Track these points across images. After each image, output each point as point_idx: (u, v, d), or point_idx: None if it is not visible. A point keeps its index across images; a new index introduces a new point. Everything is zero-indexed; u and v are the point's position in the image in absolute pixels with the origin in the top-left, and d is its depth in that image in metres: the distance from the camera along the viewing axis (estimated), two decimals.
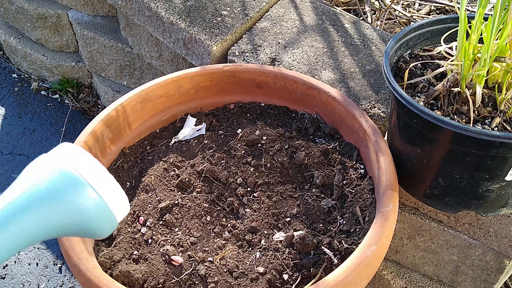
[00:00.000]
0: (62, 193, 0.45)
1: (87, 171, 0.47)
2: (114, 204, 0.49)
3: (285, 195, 0.76)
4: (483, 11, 0.66)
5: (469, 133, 0.60)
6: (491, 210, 0.72)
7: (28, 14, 1.60)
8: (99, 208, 0.47)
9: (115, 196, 0.49)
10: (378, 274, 1.02)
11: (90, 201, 0.47)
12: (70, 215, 0.46)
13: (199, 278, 0.67)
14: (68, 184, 0.46)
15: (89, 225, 0.47)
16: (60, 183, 0.46)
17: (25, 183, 0.46)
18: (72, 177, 0.46)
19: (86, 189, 0.46)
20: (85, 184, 0.46)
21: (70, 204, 0.46)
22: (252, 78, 0.89)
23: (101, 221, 0.48)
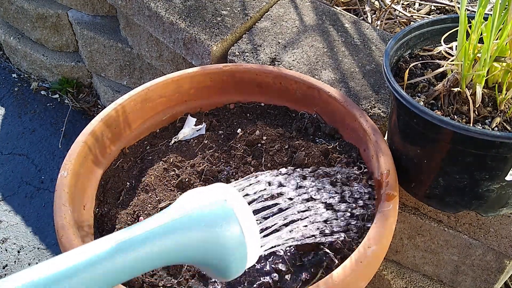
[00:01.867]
0: (218, 224, 0.49)
1: (241, 214, 0.51)
2: (252, 247, 0.52)
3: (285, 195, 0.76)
4: (483, 11, 0.66)
5: (469, 133, 0.60)
6: (492, 210, 0.72)
7: (28, 14, 1.60)
8: (240, 247, 0.51)
9: (255, 241, 0.53)
10: (378, 274, 1.02)
11: (236, 238, 0.50)
12: (216, 245, 0.50)
13: (199, 277, 0.67)
14: (225, 217, 0.50)
15: (225, 261, 0.51)
16: (219, 215, 0.50)
17: (188, 206, 0.50)
18: (229, 213, 0.50)
19: (237, 227, 0.50)
20: (237, 222, 0.50)
21: (220, 235, 0.49)
22: (252, 78, 0.89)
23: (236, 260, 0.52)
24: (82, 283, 0.43)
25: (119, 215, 0.74)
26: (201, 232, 0.49)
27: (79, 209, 0.72)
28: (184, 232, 0.48)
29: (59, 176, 0.72)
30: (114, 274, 0.44)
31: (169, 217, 0.49)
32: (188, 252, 0.49)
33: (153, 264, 0.47)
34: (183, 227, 0.48)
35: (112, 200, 0.77)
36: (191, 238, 0.48)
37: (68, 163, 0.74)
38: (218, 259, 0.50)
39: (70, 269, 0.43)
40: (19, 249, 1.32)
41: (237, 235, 0.50)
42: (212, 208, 0.50)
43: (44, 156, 1.52)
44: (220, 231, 0.49)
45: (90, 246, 0.46)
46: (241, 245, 0.51)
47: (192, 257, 0.50)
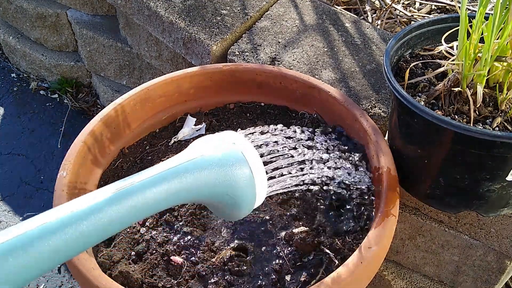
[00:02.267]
0: (230, 164, 0.54)
1: (249, 155, 0.56)
2: (260, 190, 0.57)
3: (285, 194, 0.76)
4: (484, 10, 0.65)
5: (470, 133, 0.60)
6: (492, 211, 0.71)
7: (27, 13, 1.60)
8: (250, 186, 0.56)
9: (262, 184, 0.57)
10: (378, 274, 1.02)
11: (246, 178, 0.55)
12: (228, 183, 0.54)
13: (199, 278, 0.66)
14: (235, 158, 0.55)
15: (236, 200, 0.55)
16: (230, 156, 0.55)
17: (202, 149, 0.54)
18: (239, 154, 0.55)
19: (247, 169, 0.55)
20: (247, 164, 0.55)
21: (231, 174, 0.54)
22: (252, 78, 0.89)
23: (246, 198, 0.56)
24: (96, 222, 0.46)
25: None
26: (215, 171, 0.53)
27: None
28: (199, 171, 0.52)
29: (58, 176, 0.72)
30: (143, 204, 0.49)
31: (186, 157, 0.53)
32: (203, 191, 0.53)
33: (172, 201, 0.51)
34: (198, 167, 0.52)
35: None
36: (206, 177, 0.53)
37: (67, 163, 0.73)
38: (230, 197, 0.55)
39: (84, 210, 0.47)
40: None
41: (247, 175, 0.55)
42: (224, 150, 0.55)
43: (43, 156, 1.52)
44: (232, 170, 0.54)
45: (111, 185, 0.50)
46: (251, 184, 0.56)
47: (207, 196, 0.54)
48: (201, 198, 0.55)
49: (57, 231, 0.44)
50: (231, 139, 0.57)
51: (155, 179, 0.50)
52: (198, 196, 0.54)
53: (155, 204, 0.50)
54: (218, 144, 0.56)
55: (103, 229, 0.47)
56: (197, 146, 0.56)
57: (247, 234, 0.71)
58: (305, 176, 0.68)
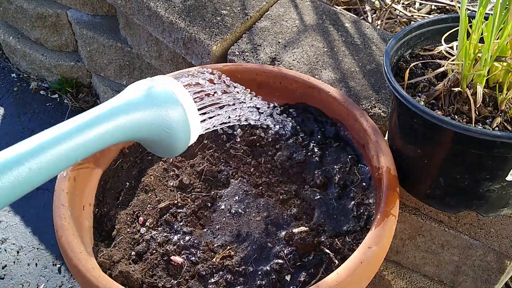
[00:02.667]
0: (163, 104, 0.58)
1: (181, 95, 0.60)
2: (193, 128, 0.61)
3: (285, 195, 0.76)
4: (483, 10, 0.65)
5: (470, 133, 0.60)
6: (492, 211, 0.71)
7: (27, 13, 1.60)
8: (184, 125, 0.59)
9: (195, 122, 0.61)
10: (378, 274, 1.02)
11: (180, 117, 0.59)
12: (163, 122, 0.58)
13: (199, 278, 0.66)
14: (168, 98, 0.58)
15: (172, 137, 0.59)
16: (163, 96, 0.58)
17: (134, 92, 0.58)
18: (170, 94, 0.59)
19: (180, 108, 0.59)
20: (179, 103, 0.59)
21: (165, 113, 0.58)
22: (252, 78, 0.89)
23: (181, 136, 0.60)
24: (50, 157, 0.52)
25: (118, 215, 0.74)
26: (149, 111, 0.56)
27: (79, 210, 0.72)
28: (134, 111, 0.56)
29: (58, 176, 0.72)
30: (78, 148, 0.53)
31: (121, 100, 0.57)
32: (141, 128, 0.56)
33: (110, 140, 0.54)
34: (133, 107, 0.56)
35: (111, 200, 0.77)
36: (142, 115, 0.56)
37: None
38: (165, 135, 0.59)
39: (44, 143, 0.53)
40: (18, 250, 1.32)
41: (181, 113, 0.59)
42: (156, 91, 0.58)
43: None
44: (165, 109, 0.58)
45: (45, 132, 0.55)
46: (184, 122, 0.59)
47: (145, 133, 0.57)
48: (140, 135, 0.58)
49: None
50: (163, 81, 0.60)
51: (93, 120, 0.54)
52: (137, 133, 0.57)
53: (96, 142, 0.53)
54: (149, 85, 0.59)
55: (48, 167, 0.52)
56: (130, 89, 0.58)
57: (247, 234, 0.71)
58: (237, 114, 0.73)
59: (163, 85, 0.59)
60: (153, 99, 0.57)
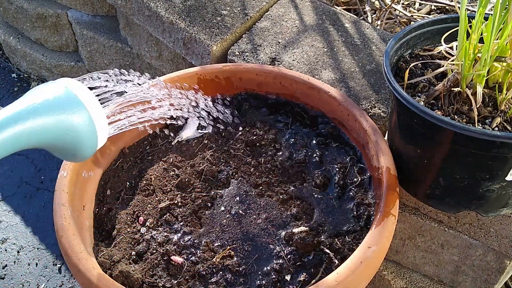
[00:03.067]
0: (65, 108, 0.55)
1: (86, 98, 0.57)
2: (100, 130, 0.58)
3: (285, 195, 0.76)
4: (483, 10, 0.66)
5: (470, 133, 0.60)
6: (492, 210, 0.71)
7: (28, 13, 1.60)
8: (89, 128, 0.57)
9: (102, 125, 0.58)
10: (378, 274, 1.02)
11: (84, 121, 0.56)
12: (67, 128, 0.55)
13: (199, 277, 0.66)
14: (71, 103, 0.56)
15: (76, 141, 0.57)
16: (64, 100, 0.55)
17: (34, 97, 0.54)
18: (73, 98, 0.56)
19: (84, 110, 0.56)
20: (83, 106, 0.56)
21: (69, 118, 0.55)
22: (252, 78, 0.89)
23: (87, 140, 0.58)
24: None
25: (118, 215, 0.74)
26: (50, 117, 0.54)
27: (79, 209, 0.72)
28: (34, 118, 0.53)
29: (58, 176, 0.72)
30: None
31: (20, 105, 0.53)
32: (41, 136, 0.54)
33: (11, 147, 0.52)
34: (32, 114, 0.53)
35: (111, 200, 0.77)
36: (42, 123, 0.53)
37: (67, 163, 0.73)
38: (70, 140, 0.56)
39: None
40: (18, 249, 1.32)
41: (85, 117, 0.56)
42: (58, 95, 0.55)
43: (43, 156, 1.52)
44: (68, 114, 0.55)
45: None
46: (90, 127, 0.57)
47: (47, 141, 0.55)
48: (44, 142, 0.55)
49: None
50: (65, 84, 0.57)
51: None
52: (41, 140, 0.54)
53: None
54: (51, 89, 0.56)
55: None
56: (30, 95, 0.56)
57: (248, 234, 0.71)
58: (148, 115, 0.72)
59: (65, 88, 0.56)
60: (54, 104, 0.55)
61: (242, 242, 0.70)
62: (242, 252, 0.69)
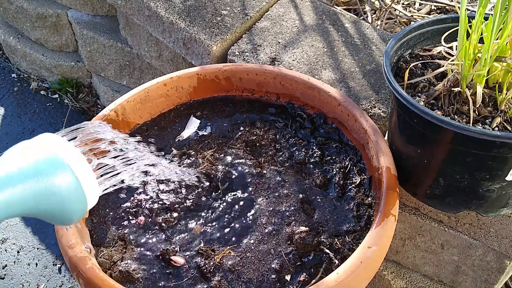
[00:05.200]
0: (48, 173, 0.50)
1: (70, 158, 0.52)
2: (89, 191, 0.54)
3: (285, 195, 0.76)
4: (483, 10, 0.66)
5: (470, 133, 0.60)
6: (492, 210, 0.71)
7: (28, 13, 1.60)
8: (76, 191, 0.52)
9: (90, 184, 0.54)
10: (378, 274, 1.02)
11: (69, 184, 0.51)
12: (51, 194, 0.50)
13: (199, 277, 0.66)
14: (53, 166, 0.50)
15: (63, 206, 0.52)
16: (46, 164, 0.50)
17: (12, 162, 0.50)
18: (57, 161, 0.51)
19: (68, 173, 0.51)
20: (67, 168, 0.51)
21: (52, 184, 0.50)
22: (252, 78, 0.89)
23: (75, 205, 0.53)
24: None
25: (118, 215, 0.74)
26: (32, 184, 0.49)
27: None
28: (10, 188, 0.48)
29: None
30: None
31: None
32: (21, 207, 0.49)
33: None
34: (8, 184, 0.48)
35: (112, 200, 0.77)
36: (20, 192, 0.48)
37: None
38: (57, 207, 0.51)
39: None
40: (18, 249, 1.32)
41: (70, 179, 0.51)
42: (37, 157, 0.50)
43: None
44: (49, 178, 0.50)
45: None
46: (77, 191, 0.52)
47: (31, 209, 0.50)
48: (26, 211, 0.50)
49: None
50: (46, 142, 0.52)
51: None
52: (22, 210, 0.49)
53: None
54: (31, 152, 0.51)
55: None
56: (6, 158, 0.51)
57: (247, 233, 0.71)
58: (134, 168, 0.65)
59: (46, 148, 0.51)
60: (34, 168, 0.49)
61: (242, 242, 0.70)
62: (242, 252, 0.69)
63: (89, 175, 0.54)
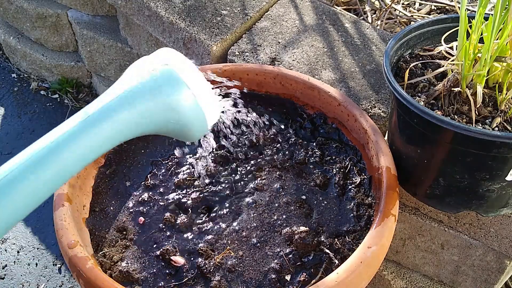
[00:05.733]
0: (163, 90, 0.49)
1: (187, 74, 0.50)
2: (208, 108, 0.51)
3: (285, 195, 0.76)
4: (483, 10, 0.66)
5: (470, 133, 0.60)
6: (492, 210, 0.71)
7: (28, 13, 1.60)
8: (193, 109, 0.50)
9: (209, 101, 0.52)
10: (378, 274, 1.02)
11: (186, 101, 0.50)
12: (168, 112, 0.49)
13: (199, 277, 0.66)
14: (168, 82, 0.49)
15: (183, 124, 0.51)
16: (162, 81, 0.49)
17: (130, 80, 0.49)
18: (172, 77, 0.49)
19: (184, 89, 0.49)
20: (183, 84, 0.49)
21: (168, 101, 0.49)
22: (252, 78, 0.89)
23: (194, 123, 0.51)
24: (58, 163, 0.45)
25: (119, 214, 0.74)
26: (146, 101, 0.48)
27: (79, 209, 0.72)
28: (129, 107, 0.47)
29: None
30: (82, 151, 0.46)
31: (113, 94, 0.49)
32: (141, 124, 0.49)
33: (116, 139, 0.48)
34: (126, 102, 0.48)
35: (112, 200, 0.77)
36: (138, 111, 0.48)
37: None
38: (176, 124, 0.50)
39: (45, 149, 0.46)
40: (18, 249, 1.32)
41: (185, 94, 0.50)
42: (153, 73, 0.49)
43: None
44: (166, 94, 0.49)
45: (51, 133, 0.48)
46: (195, 106, 0.51)
47: (151, 127, 0.50)
48: (145, 131, 0.50)
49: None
50: (164, 59, 0.51)
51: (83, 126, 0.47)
52: (141, 130, 0.49)
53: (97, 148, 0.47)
54: (148, 68, 0.50)
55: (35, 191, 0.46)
56: (127, 75, 0.50)
57: (247, 233, 0.71)
58: None
59: (164, 65, 0.50)
60: (150, 86, 0.48)
61: (242, 242, 0.70)
62: (242, 252, 0.69)
63: (205, 91, 0.52)
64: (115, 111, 0.47)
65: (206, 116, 0.53)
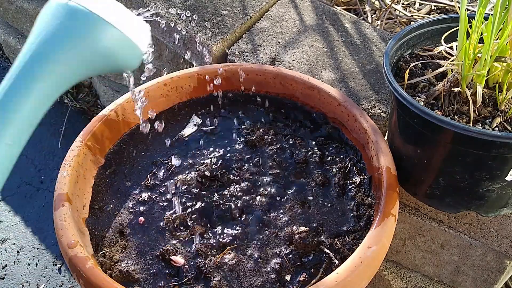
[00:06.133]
0: (73, 30, 0.44)
1: (95, 5, 0.45)
2: (133, 32, 0.48)
3: (285, 194, 0.76)
4: (483, 10, 0.66)
5: (470, 133, 0.60)
6: (492, 210, 0.71)
7: (28, 13, 1.60)
8: (118, 39, 0.46)
9: (132, 25, 0.48)
10: (378, 274, 1.02)
11: (106, 34, 0.45)
12: (91, 52, 0.45)
13: (199, 277, 0.66)
14: (74, 18, 0.44)
15: (115, 58, 0.47)
16: (67, 20, 0.44)
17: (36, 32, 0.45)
18: (76, 11, 0.44)
19: (96, 21, 0.45)
20: (92, 16, 0.44)
21: (86, 40, 0.45)
22: (252, 78, 0.89)
23: (125, 52, 0.48)
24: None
25: (118, 215, 0.74)
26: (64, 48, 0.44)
27: (79, 209, 0.72)
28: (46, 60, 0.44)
29: (58, 176, 0.72)
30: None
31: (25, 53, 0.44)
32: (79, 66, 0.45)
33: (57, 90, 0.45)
34: (42, 56, 0.44)
35: (112, 200, 0.77)
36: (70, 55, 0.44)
37: (67, 163, 0.73)
38: (109, 60, 0.47)
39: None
40: (18, 249, 1.32)
41: (107, 29, 0.45)
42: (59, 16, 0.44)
43: (43, 156, 1.52)
44: (83, 35, 0.44)
45: None
46: (119, 36, 0.46)
47: (80, 71, 0.46)
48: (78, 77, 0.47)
49: None
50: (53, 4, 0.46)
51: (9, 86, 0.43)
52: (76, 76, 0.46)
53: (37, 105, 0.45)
54: (48, 13, 0.45)
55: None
56: (37, 28, 0.45)
57: (247, 233, 0.71)
58: None
59: (67, 4, 0.44)
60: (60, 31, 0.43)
61: (242, 242, 0.70)
62: (242, 252, 0.69)
63: (128, 16, 0.47)
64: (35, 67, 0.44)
65: (134, 41, 0.49)
